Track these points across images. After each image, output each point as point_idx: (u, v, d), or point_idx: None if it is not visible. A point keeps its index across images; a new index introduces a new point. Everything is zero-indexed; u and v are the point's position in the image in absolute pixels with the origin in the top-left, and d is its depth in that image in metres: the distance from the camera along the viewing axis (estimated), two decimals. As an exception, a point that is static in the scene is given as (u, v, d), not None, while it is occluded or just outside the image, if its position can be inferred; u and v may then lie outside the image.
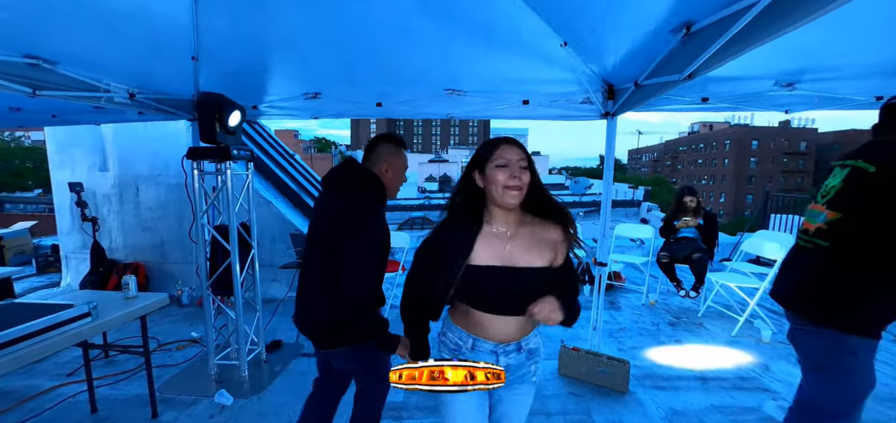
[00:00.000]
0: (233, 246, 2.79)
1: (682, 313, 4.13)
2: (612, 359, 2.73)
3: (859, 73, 2.19)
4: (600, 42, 2.14)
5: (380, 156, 1.67)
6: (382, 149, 1.69)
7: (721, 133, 56.68)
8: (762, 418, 2.35)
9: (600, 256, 2.82)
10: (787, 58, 2.11)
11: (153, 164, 4.56)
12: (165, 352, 3.29)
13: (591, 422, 2.34)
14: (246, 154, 2.90)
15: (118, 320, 2.08)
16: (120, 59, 2.37)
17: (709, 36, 1.41)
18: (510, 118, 2.98)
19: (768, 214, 6.52)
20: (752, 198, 48.00)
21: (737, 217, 38.70)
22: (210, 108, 2.57)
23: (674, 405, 2.51)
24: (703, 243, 4.23)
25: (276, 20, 2.28)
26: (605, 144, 2.75)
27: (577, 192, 17.94)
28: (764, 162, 51.73)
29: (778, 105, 2.73)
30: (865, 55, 2.01)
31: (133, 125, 4.43)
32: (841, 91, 2.40)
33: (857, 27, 1.73)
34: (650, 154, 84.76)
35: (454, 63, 2.55)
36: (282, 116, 3.23)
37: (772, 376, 2.86)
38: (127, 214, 4.66)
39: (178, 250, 4.66)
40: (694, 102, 2.70)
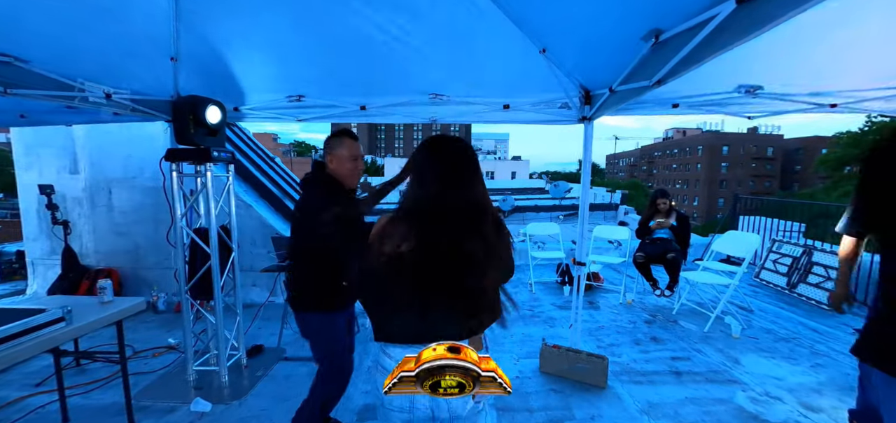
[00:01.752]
0: (213, 249, 2.76)
1: (657, 312, 4.28)
2: (591, 356, 2.81)
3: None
4: (577, 49, 2.23)
5: (326, 152, 1.94)
6: (327, 145, 1.95)
7: (694, 139, 58.74)
8: (733, 408, 2.47)
9: (579, 256, 2.91)
10: (747, 70, 2.25)
11: (127, 166, 4.43)
12: (141, 359, 3.20)
13: (572, 416, 2.41)
14: (226, 156, 2.87)
15: (94, 325, 2.02)
16: (96, 58, 2.32)
17: (677, 44, 1.50)
18: (492, 122, 3.05)
19: (737, 215, 6.82)
20: (724, 201, 49.82)
21: (710, 219, 40.10)
22: (187, 109, 2.54)
23: (650, 398, 2.61)
24: (676, 243, 4.40)
25: (258, 22, 2.28)
26: (583, 147, 2.85)
27: (557, 195, 18.22)
28: (734, 167, 53.84)
29: (742, 111, 2.89)
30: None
31: (107, 127, 4.30)
32: (798, 97, 2.57)
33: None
34: (627, 159, 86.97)
35: (438, 69, 2.60)
36: (264, 119, 3.22)
37: (741, 369, 3.00)
38: (99, 218, 4.51)
39: (153, 255, 4.53)
40: (665, 107, 2.83)
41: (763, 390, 2.70)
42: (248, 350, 3.21)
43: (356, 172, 1.99)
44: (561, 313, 4.23)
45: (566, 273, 5.21)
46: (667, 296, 4.43)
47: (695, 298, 4.47)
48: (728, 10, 1.14)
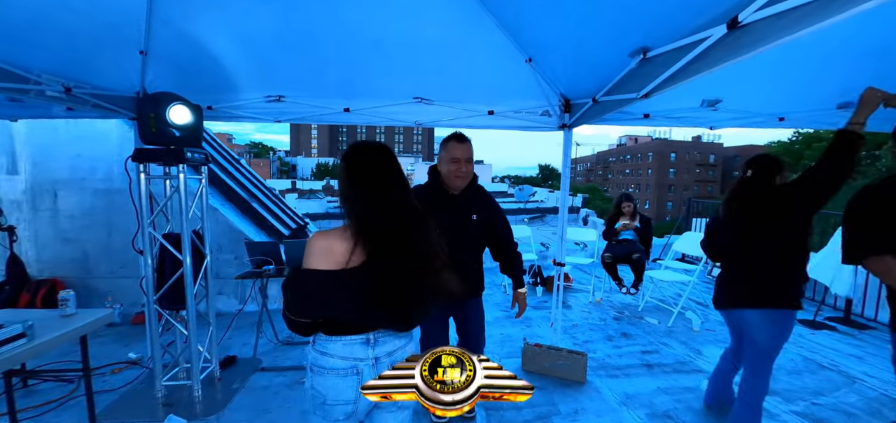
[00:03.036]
0: (185, 255, 2.60)
1: (624, 309, 4.53)
2: (571, 353, 2.93)
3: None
4: (563, 60, 2.34)
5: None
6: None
7: (644, 146, 62.45)
8: (701, 394, 2.68)
9: (559, 257, 3.04)
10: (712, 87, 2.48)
11: (76, 167, 4.07)
12: (99, 376, 2.94)
13: (558, 411, 2.50)
14: (200, 158, 2.72)
15: (58, 340, 1.85)
16: (57, 49, 2.13)
17: (663, 62, 1.63)
18: (476, 128, 3.11)
19: (690, 217, 7.35)
20: (672, 204, 53.34)
21: (659, 222, 42.68)
22: (162, 106, 2.38)
23: (626, 390, 2.76)
24: (640, 244, 4.69)
25: (236, 19, 2.20)
26: (562, 153, 2.98)
27: (521, 199, 18.72)
28: (680, 172, 57.82)
29: (704, 122, 3.14)
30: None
31: (52, 124, 3.94)
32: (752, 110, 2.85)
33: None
34: (584, 164, 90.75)
35: (424, 73, 2.62)
36: (240, 119, 3.09)
37: (704, 359, 3.25)
38: (42, 223, 4.10)
39: (106, 264, 4.18)
40: (637, 117, 3.02)
41: (724, 378, 2.94)
42: (220, 362, 3.04)
43: (458, 174, 1.95)
44: (536, 313, 4.37)
45: (538, 274, 5.37)
46: (632, 294, 4.70)
47: (657, 295, 4.77)
48: (719, 33, 1.26)
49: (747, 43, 1.16)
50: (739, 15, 1.17)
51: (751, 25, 1.17)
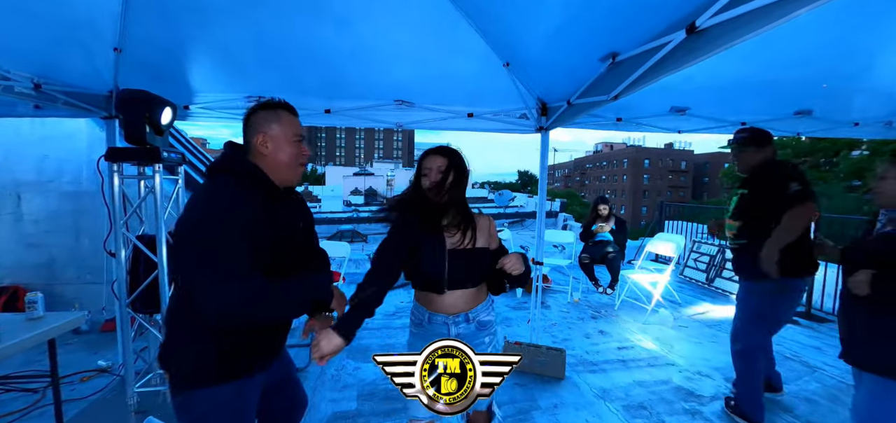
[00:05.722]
0: (160, 258, 2.55)
1: (601, 308, 4.66)
2: (550, 349, 3.01)
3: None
4: (538, 65, 2.43)
5: (253, 129, 1.25)
6: (255, 119, 1.27)
7: (620, 153, 64.25)
8: (672, 387, 2.79)
9: (538, 256, 3.12)
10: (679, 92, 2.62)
11: (42, 169, 3.91)
12: (67, 385, 2.82)
13: (538, 406, 2.56)
14: (176, 157, 2.68)
15: (25, 343, 1.79)
16: (27, 43, 2.07)
17: (631, 65, 1.72)
18: (455, 130, 3.17)
19: (664, 220, 7.63)
20: (646, 209, 54.91)
21: (634, 226, 43.86)
22: (138, 105, 2.34)
23: (603, 384, 2.85)
24: (615, 244, 4.84)
25: (212, 23, 2.19)
26: (540, 154, 3.07)
27: (501, 204, 18.96)
28: (654, 178, 59.70)
29: (673, 127, 3.30)
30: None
31: (15, 123, 3.78)
32: (716, 115, 3.02)
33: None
34: (562, 170, 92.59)
35: (405, 76, 2.67)
36: (217, 119, 3.05)
37: (676, 353, 3.39)
38: (3, 228, 3.90)
39: (72, 269, 4.02)
40: (610, 121, 3.15)
41: (695, 370, 3.08)
42: (196, 367, 2.97)
43: (301, 159, 1.32)
44: (515, 313, 4.44)
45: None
46: (608, 293, 4.83)
47: (632, 294, 4.93)
48: (679, 38, 1.36)
49: (704, 46, 1.26)
50: (697, 20, 1.27)
51: (707, 30, 1.26)
